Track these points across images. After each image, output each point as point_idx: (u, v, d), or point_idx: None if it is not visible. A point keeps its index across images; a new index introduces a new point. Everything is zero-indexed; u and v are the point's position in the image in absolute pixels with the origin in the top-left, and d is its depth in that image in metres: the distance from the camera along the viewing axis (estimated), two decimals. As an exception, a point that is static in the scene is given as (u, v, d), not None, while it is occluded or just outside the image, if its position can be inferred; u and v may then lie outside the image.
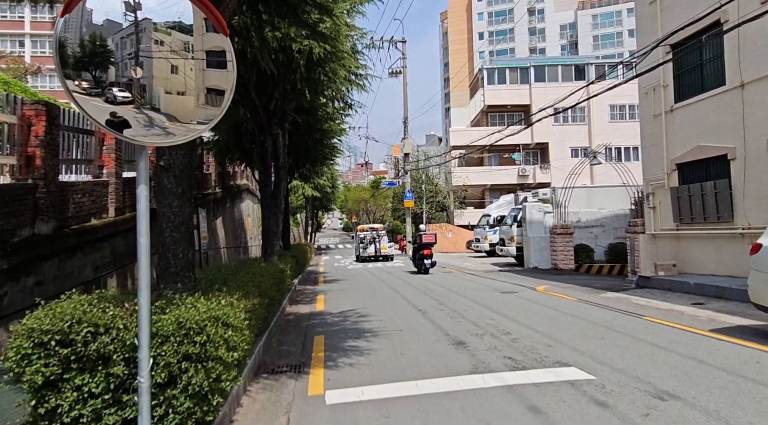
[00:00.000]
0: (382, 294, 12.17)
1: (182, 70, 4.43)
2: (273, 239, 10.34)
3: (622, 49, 64.32)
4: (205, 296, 4.26)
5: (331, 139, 16.74)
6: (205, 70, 4.44)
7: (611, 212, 17.89)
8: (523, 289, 12.19)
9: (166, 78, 4.40)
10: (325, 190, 39.67)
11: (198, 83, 4.40)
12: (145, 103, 4.20)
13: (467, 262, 23.03)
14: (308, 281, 16.67)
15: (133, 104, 4.15)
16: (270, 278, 7.98)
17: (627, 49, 63.44)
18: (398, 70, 32.60)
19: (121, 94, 4.10)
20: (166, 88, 4.31)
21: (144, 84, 4.28)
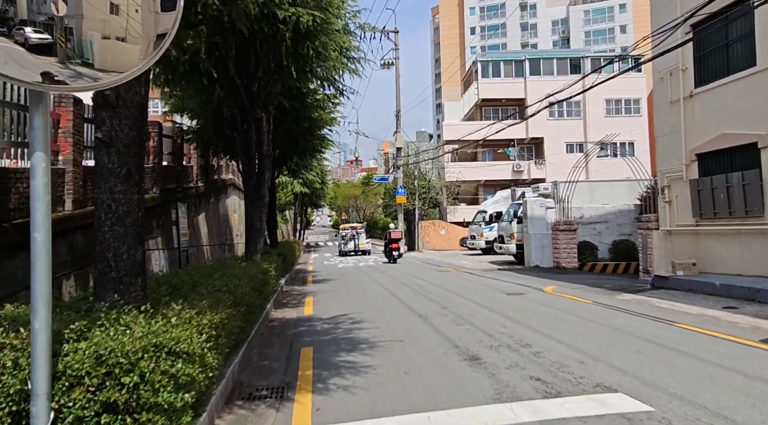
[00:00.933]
0: (376, 296, 11.15)
1: (124, 11, 3.38)
2: (256, 236, 9.27)
3: (614, 46, 63.75)
4: (155, 311, 3.19)
5: (321, 129, 15.65)
6: (157, 14, 3.40)
7: (615, 207, 17.04)
8: (530, 290, 11.24)
9: (103, 20, 3.36)
10: (314, 186, 38.50)
11: (147, 28, 3.35)
12: (72, 54, 3.13)
13: (463, 260, 22.09)
14: (296, 281, 15.60)
15: (55, 56, 3.11)
16: (250, 280, 6.91)
17: (619, 45, 62.95)
18: (390, 61, 31.53)
19: (37, 36, 3.05)
20: (102, 33, 3.29)
21: (69, 26, 3.24)
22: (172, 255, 14.37)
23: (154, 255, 12.78)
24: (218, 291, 5.17)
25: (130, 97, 3.67)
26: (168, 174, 14.56)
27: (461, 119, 39.04)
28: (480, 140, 33.29)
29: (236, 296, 5.38)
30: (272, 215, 18.72)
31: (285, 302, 11.00)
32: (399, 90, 31.66)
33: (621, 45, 61.92)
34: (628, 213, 16.98)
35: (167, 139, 14.74)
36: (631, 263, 16.03)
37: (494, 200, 26.01)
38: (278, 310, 9.76)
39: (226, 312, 4.52)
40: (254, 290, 6.99)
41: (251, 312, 6.23)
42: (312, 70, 8.92)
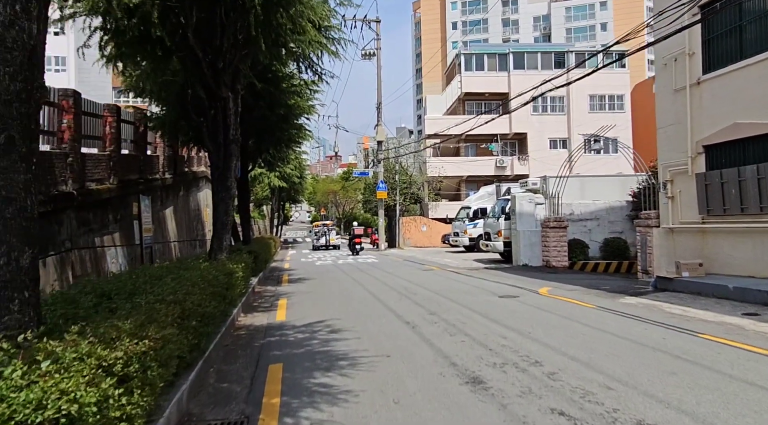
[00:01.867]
0: (357, 299, 10.14)
1: None
2: (221, 232, 8.16)
3: (594, 43, 63.72)
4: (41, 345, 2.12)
5: (298, 117, 14.53)
6: None
7: (607, 203, 16.34)
8: (523, 292, 10.37)
9: None
10: (292, 180, 37.26)
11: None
12: None
13: (447, 258, 21.22)
14: (270, 281, 14.48)
15: None
16: (210, 285, 5.83)
17: (600, 42, 62.93)
18: (372, 51, 30.43)
19: None
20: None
21: None
22: (133, 252, 13.10)
23: (109, 253, 11.52)
24: (161, 301, 4.10)
25: (13, 37, 2.58)
26: (128, 163, 13.27)
27: (444, 114, 38.20)
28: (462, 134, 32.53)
29: (185, 308, 4.31)
30: (245, 209, 17.56)
31: (256, 305, 9.91)
32: (380, 81, 30.62)
33: (602, 42, 61.91)
34: (620, 210, 16.31)
35: (127, 125, 13.44)
36: (623, 263, 15.38)
37: (478, 196, 25.22)
38: (247, 315, 8.67)
39: (165, 333, 3.45)
40: (214, 296, 5.91)
41: (207, 324, 5.15)
42: (286, 44, 7.84)
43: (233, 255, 9.93)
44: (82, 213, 9.77)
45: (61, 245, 8.75)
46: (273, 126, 13.94)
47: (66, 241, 8.96)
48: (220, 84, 7.77)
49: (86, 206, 9.96)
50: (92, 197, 10.10)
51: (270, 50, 7.48)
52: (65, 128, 9.05)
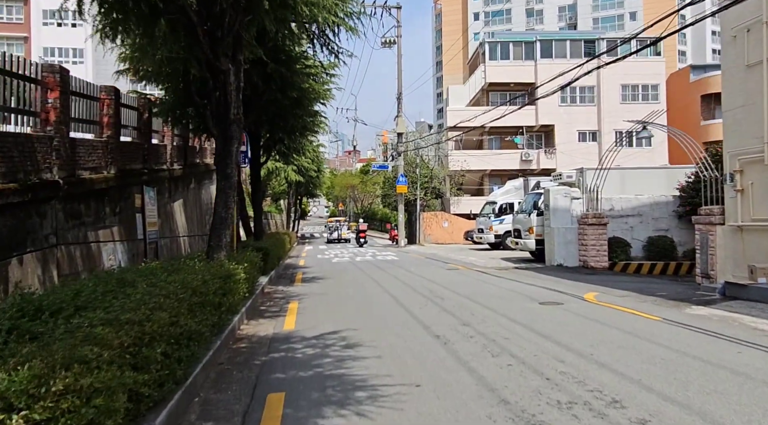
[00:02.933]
0: (376, 303, 8.97)
1: None
2: (220, 228, 7.06)
3: (623, 33, 61.26)
4: None
5: (313, 102, 13.37)
6: None
7: (651, 198, 14.85)
8: (567, 298, 9.07)
9: None
10: (309, 174, 36.18)
11: None
12: None
13: (471, 256, 19.91)
14: (282, 280, 13.41)
15: None
16: (195, 293, 4.70)
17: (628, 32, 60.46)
18: (392, 39, 29.15)
19: None
20: None
21: None
22: (135, 248, 12.12)
23: (106, 249, 10.54)
24: (111, 323, 2.96)
25: None
26: (130, 152, 12.28)
27: (466, 105, 36.71)
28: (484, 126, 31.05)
29: (146, 331, 3.16)
30: (257, 202, 16.54)
31: (263, 309, 8.80)
32: (401, 70, 29.31)
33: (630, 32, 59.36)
34: (666, 205, 14.81)
35: (130, 110, 12.45)
36: (670, 264, 13.94)
37: (505, 191, 23.81)
38: (251, 322, 7.57)
39: (99, 377, 2.30)
40: (203, 306, 4.78)
41: (188, 345, 4.01)
42: (296, 6, 6.64)
43: (238, 253, 8.84)
44: (71, 204, 8.77)
45: (44, 241, 7.76)
46: (286, 112, 12.81)
47: (50, 235, 7.97)
48: (219, 54, 6.64)
49: (77, 197, 8.96)
50: (84, 187, 9.11)
51: (275, 13, 6.33)
52: (50, 108, 8.04)
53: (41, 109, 8.06)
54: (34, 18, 44.31)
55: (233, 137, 7.04)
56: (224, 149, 7.11)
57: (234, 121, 7.03)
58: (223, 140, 7.13)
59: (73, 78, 8.85)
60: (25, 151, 7.38)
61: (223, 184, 6.97)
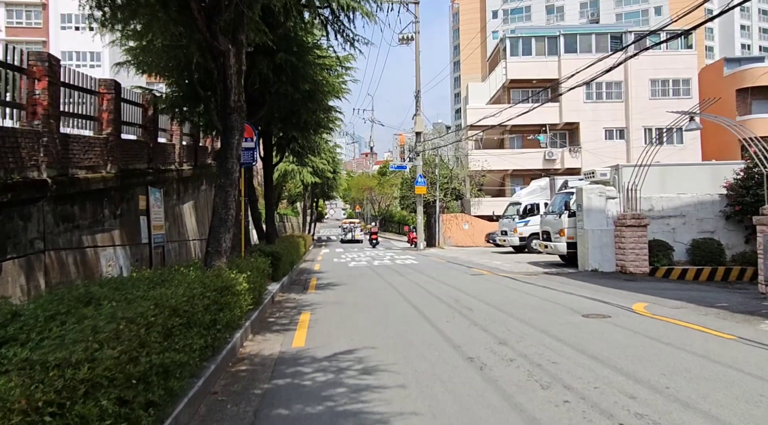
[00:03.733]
0: (396, 314, 8.02)
1: None
2: (219, 231, 6.19)
3: (647, 28, 59.39)
4: None
5: (327, 97, 12.51)
6: None
7: (695, 197, 13.63)
8: (613, 309, 8.00)
9: None
10: (325, 175, 35.52)
11: None
12: None
13: (495, 259, 18.83)
14: (295, 286, 12.56)
15: None
16: (177, 313, 3.81)
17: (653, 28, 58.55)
18: (410, 35, 28.23)
19: None
20: None
21: None
22: (139, 253, 11.39)
23: (105, 254, 9.79)
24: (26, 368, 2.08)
25: None
26: (133, 150, 11.54)
27: (487, 103, 35.56)
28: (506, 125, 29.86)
29: (80, 378, 2.26)
30: (269, 203, 15.76)
31: (271, 321, 7.93)
32: (419, 67, 28.37)
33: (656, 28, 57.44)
34: (711, 205, 13.57)
35: (133, 106, 11.73)
36: (718, 269, 12.72)
37: (529, 191, 22.66)
38: (256, 337, 6.69)
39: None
40: (186, 327, 3.90)
41: (161, 384, 3.12)
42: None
43: (244, 259, 8.00)
44: (62, 206, 8.03)
45: (29, 246, 7.00)
46: (298, 106, 11.98)
47: (36, 240, 7.21)
48: (216, 33, 5.80)
49: (69, 198, 8.22)
50: (77, 187, 8.36)
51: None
52: (37, 99, 7.29)
53: (27, 101, 7.32)
54: (52, 22, 44.54)
55: (234, 128, 6.17)
56: (224, 141, 6.26)
57: (234, 109, 6.17)
58: (223, 131, 6.27)
59: (65, 68, 8.11)
60: (6, 146, 6.63)
61: (223, 181, 6.11)
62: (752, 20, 74.48)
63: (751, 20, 74.26)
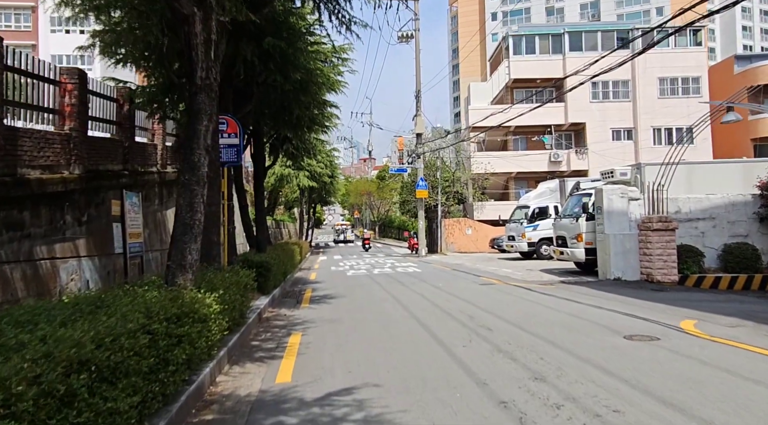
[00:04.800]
0: (403, 336, 6.79)
1: None
2: (184, 240, 4.96)
3: (649, 29, 58.53)
4: None
5: (321, 89, 11.33)
6: None
7: (725, 198, 12.46)
8: (656, 328, 6.79)
9: None
10: (323, 179, 34.31)
11: None
12: None
13: (504, 267, 17.61)
14: (288, 299, 11.33)
15: None
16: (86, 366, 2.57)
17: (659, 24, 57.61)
18: (409, 33, 27.16)
19: None
20: None
21: None
22: (111, 264, 10.13)
23: (65, 267, 8.53)
24: None
25: None
26: (104, 149, 10.30)
27: (489, 103, 34.45)
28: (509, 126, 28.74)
29: None
30: (260, 208, 14.57)
31: (255, 344, 6.71)
32: (419, 66, 27.27)
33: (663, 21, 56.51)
34: (744, 206, 12.40)
35: (105, 100, 10.55)
36: (755, 277, 11.51)
37: (538, 193, 21.48)
38: (233, 369, 5.47)
39: None
40: (110, 383, 2.68)
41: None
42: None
43: (223, 272, 6.78)
44: (7, 211, 6.82)
45: None
46: (289, 100, 10.81)
47: (-32, 252, 6.02)
48: (178, -9, 4.62)
49: (16, 202, 7.01)
50: (27, 190, 7.15)
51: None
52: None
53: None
54: (42, 25, 43.43)
55: (201, 111, 4.97)
56: (189, 127, 5.05)
57: (202, 88, 4.97)
58: (191, 115, 5.06)
59: (8, 49, 6.91)
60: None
61: (188, 177, 4.90)
62: (754, 21, 73.77)
63: (753, 21, 73.54)
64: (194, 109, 5.04)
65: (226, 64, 9.73)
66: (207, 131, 5.04)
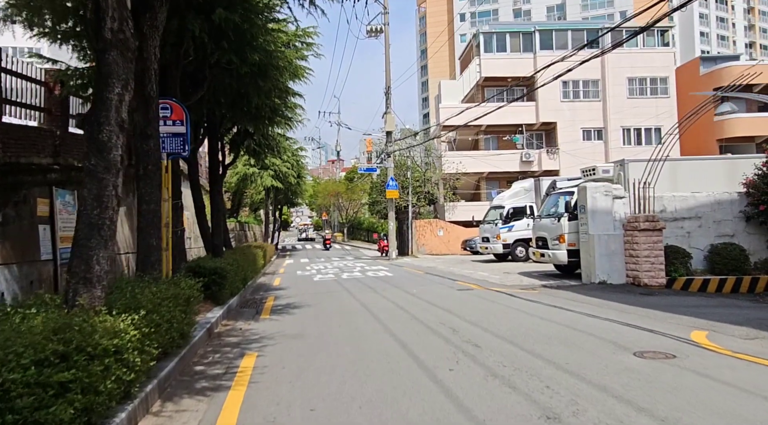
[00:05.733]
0: (376, 355, 5.73)
1: None
2: (89, 245, 3.72)
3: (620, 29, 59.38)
4: None
5: (283, 75, 10.16)
6: None
7: (711, 196, 11.92)
8: (666, 342, 5.96)
9: None
10: (288, 180, 32.90)
11: None
12: None
13: (480, 270, 16.78)
14: (246, 309, 10.12)
15: None
16: None
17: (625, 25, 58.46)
18: (378, 27, 26.18)
19: None
20: None
21: None
22: (35, 273, 8.68)
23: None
24: None
25: None
26: (28, 140, 8.80)
27: (460, 101, 33.81)
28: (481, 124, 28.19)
29: None
30: (216, 208, 13.28)
31: (200, 369, 5.54)
32: (389, 62, 26.30)
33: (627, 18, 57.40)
34: (729, 205, 11.89)
35: (30, 83, 9.12)
36: (743, 279, 10.98)
37: (512, 193, 20.79)
38: (164, 409, 4.30)
39: None
40: None
41: None
42: None
43: (161, 285, 5.56)
44: None
45: None
46: (247, 86, 9.60)
47: None
48: None
49: None
50: None
51: None
52: None
53: None
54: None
55: (112, 74, 3.76)
56: (96, 95, 3.85)
57: (113, 43, 3.76)
58: (96, 82, 3.87)
59: None
60: None
61: (94, 162, 3.68)
62: (711, 27, 76.17)
63: (709, 27, 75.91)
64: (103, 72, 3.84)
65: (172, 42, 8.49)
66: (121, 101, 3.86)
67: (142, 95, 6.60)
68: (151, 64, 6.59)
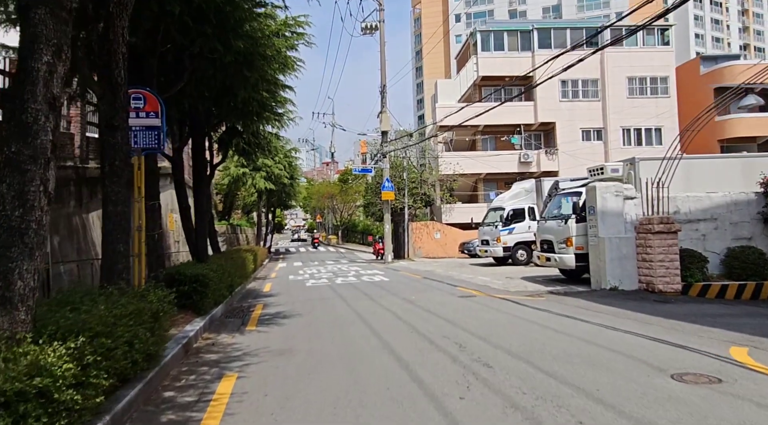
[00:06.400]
0: (374, 379, 4.96)
1: None
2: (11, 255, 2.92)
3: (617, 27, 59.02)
4: None
5: (271, 65, 9.38)
6: None
7: (727, 197, 11.25)
8: (704, 360, 5.24)
9: None
10: (282, 181, 32.06)
11: None
12: None
13: (479, 274, 16.05)
14: (231, 319, 9.32)
15: None
16: None
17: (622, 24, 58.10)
18: (373, 24, 25.46)
19: None
20: None
21: None
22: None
23: None
24: None
25: None
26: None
27: (457, 101, 33.14)
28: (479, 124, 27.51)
29: None
30: (200, 210, 12.48)
31: (169, 395, 4.76)
32: (384, 60, 25.58)
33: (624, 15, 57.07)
34: (746, 206, 11.23)
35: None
36: (764, 284, 10.28)
37: (513, 194, 20.08)
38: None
39: None
40: None
41: None
42: None
43: (109, 299, 4.77)
44: None
45: None
46: (231, 77, 8.82)
47: None
48: None
49: None
50: None
51: None
52: None
53: None
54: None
55: (37, 38, 2.87)
56: (18, 65, 3.08)
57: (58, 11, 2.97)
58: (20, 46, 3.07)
59: None
60: None
61: (15, 149, 2.89)
62: (706, 29, 76.10)
63: (704, 29, 75.83)
64: (27, 35, 3.04)
65: (148, 27, 7.71)
66: (51, 73, 3.08)
67: (109, 82, 5.82)
68: (119, 46, 5.81)
